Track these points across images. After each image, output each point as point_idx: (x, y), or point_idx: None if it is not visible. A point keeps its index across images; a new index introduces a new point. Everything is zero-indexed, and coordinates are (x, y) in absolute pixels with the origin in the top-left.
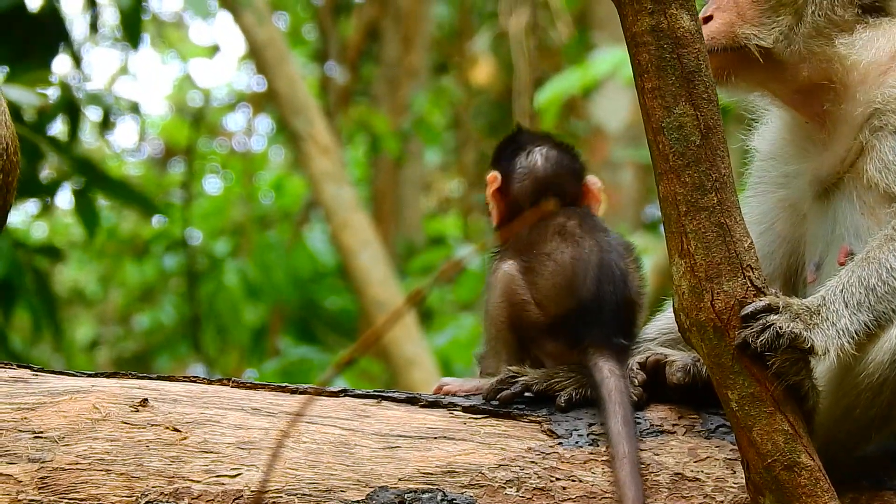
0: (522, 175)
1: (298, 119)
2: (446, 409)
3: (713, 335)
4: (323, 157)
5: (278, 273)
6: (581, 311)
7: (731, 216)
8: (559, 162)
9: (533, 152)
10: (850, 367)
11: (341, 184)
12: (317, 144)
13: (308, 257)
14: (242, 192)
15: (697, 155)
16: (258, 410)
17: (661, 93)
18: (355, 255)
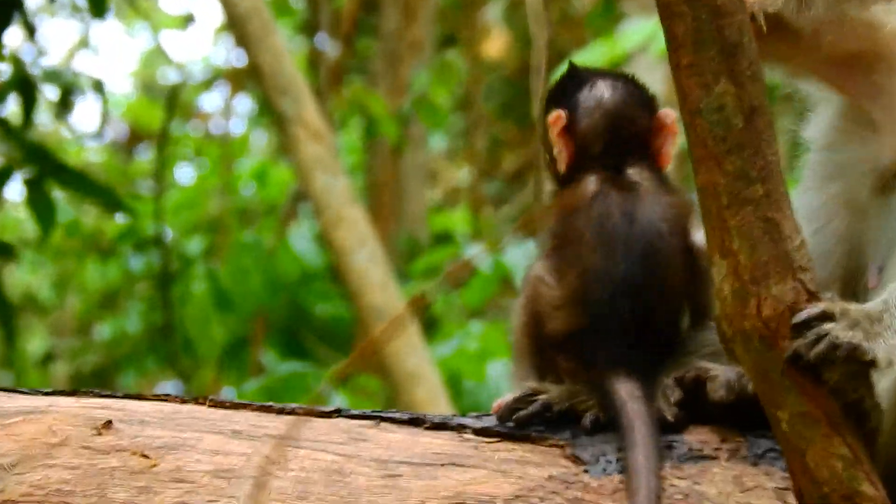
0: (590, 109)
1: (284, 99)
2: (455, 431)
3: (760, 346)
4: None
5: (255, 278)
6: (591, 326)
7: (779, 209)
8: (629, 92)
9: (597, 84)
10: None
11: (333, 173)
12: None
13: (293, 258)
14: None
15: (740, 139)
16: (239, 433)
17: (699, 69)
18: (349, 256)
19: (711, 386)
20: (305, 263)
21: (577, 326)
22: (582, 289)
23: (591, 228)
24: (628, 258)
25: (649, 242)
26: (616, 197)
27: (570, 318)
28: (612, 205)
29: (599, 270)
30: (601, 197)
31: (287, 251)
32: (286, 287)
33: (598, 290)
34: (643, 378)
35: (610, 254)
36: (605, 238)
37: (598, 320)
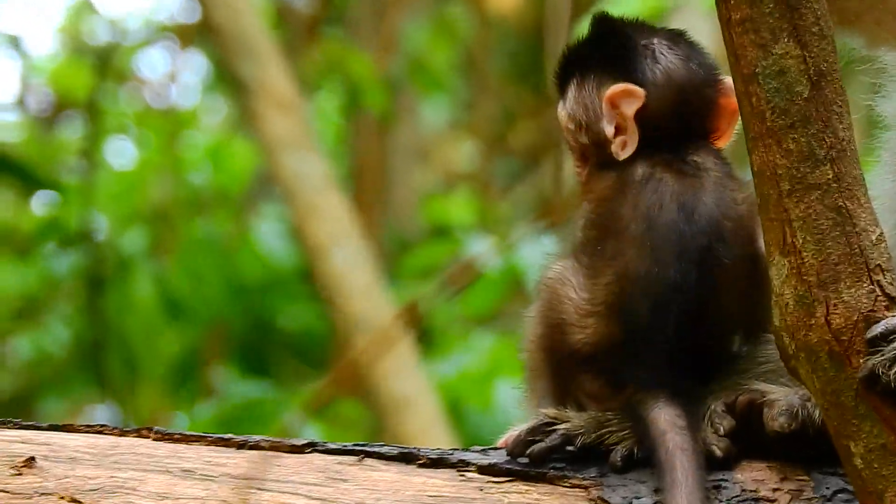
0: (662, 86)
1: (245, 62)
2: (455, 468)
3: (829, 364)
4: (279, 114)
5: (211, 280)
6: (629, 339)
7: (852, 197)
8: (697, 60)
9: (659, 51)
10: None
11: (306, 152)
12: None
13: (256, 257)
14: (165, 162)
15: (805, 112)
16: (191, 473)
17: (755, 26)
18: (325, 253)
19: (769, 413)
20: (272, 263)
21: (610, 339)
22: (620, 293)
23: (638, 220)
24: (682, 261)
25: (709, 245)
26: (672, 183)
27: (603, 328)
28: (668, 193)
29: (644, 273)
30: (653, 182)
31: (249, 248)
32: (248, 292)
33: (641, 296)
34: (687, 403)
35: (660, 253)
36: (656, 233)
37: (637, 333)
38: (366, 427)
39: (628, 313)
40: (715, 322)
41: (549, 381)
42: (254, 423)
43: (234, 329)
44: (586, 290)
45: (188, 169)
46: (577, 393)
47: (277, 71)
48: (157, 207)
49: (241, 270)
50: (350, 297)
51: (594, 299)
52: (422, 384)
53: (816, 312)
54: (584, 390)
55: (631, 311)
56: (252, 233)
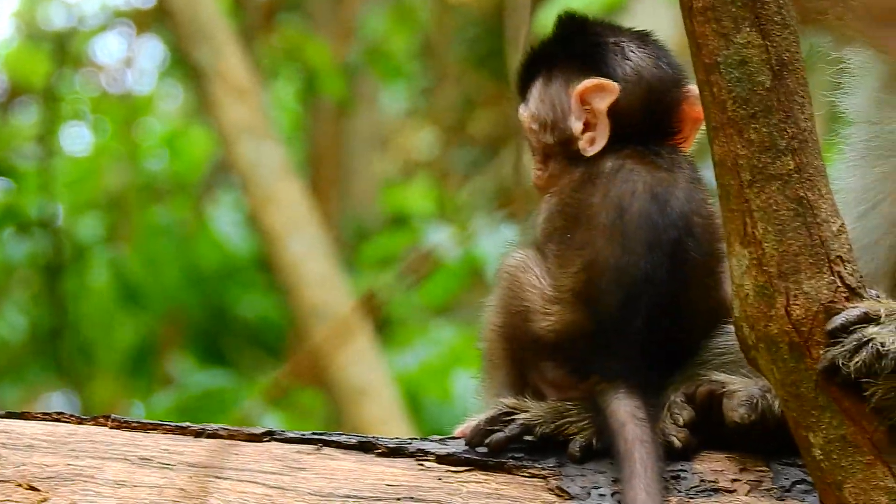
0: (632, 83)
1: (202, 48)
2: (414, 458)
3: (789, 355)
4: (236, 101)
5: (168, 268)
6: (594, 329)
7: (813, 188)
8: (667, 62)
9: (629, 49)
10: None
11: (263, 139)
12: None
13: (214, 245)
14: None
15: (767, 102)
16: (148, 461)
17: (717, 14)
18: (282, 242)
19: (729, 404)
20: (228, 251)
21: (575, 327)
22: (588, 282)
23: (609, 209)
24: (654, 252)
25: (680, 239)
26: (645, 174)
27: (569, 316)
28: (640, 183)
29: (615, 262)
30: (624, 172)
31: (206, 236)
32: (205, 280)
33: (611, 286)
34: (647, 395)
35: (632, 243)
36: (628, 222)
37: (605, 323)
38: (325, 417)
39: (597, 303)
40: (680, 316)
41: (509, 370)
42: (211, 413)
43: (191, 317)
44: (552, 277)
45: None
46: (537, 382)
47: (234, 57)
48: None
49: (198, 258)
50: (307, 285)
51: (560, 287)
52: (381, 374)
53: (776, 303)
54: (544, 379)
55: (599, 301)
56: (209, 220)
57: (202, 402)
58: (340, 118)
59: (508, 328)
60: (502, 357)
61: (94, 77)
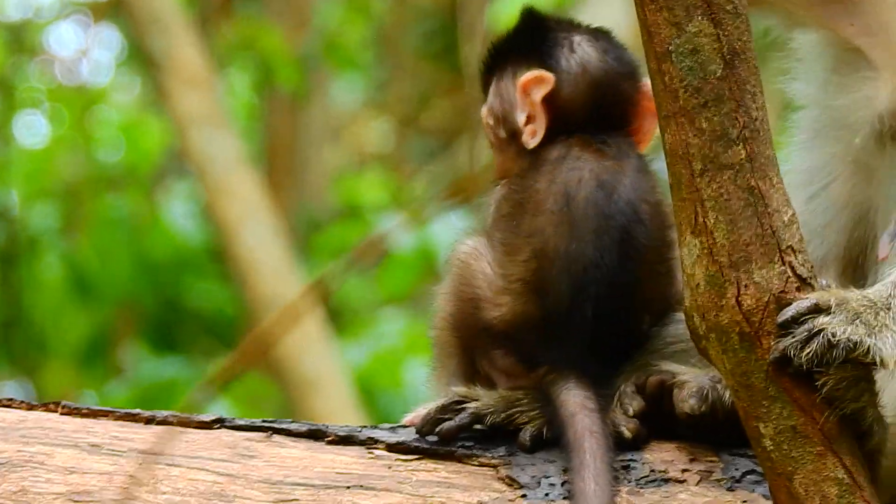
0: (575, 76)
1: (157, 38)
2: (363, 446)
3: (739, 345)
4: (192, 91)
5: (121, 258)
6: (544, 318)
7: (765, 177)
8: (615, 56)
9: (578, 43)
10: None
11: (217, 129)
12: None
13: (167, 235)
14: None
15: (719, 91)
16: (98, 447)
17: (669, 3)
18: (236, 232)
19: (679, 394)
20: (182, 241)
21: (526, 317)
22: (538, 270)
23: (557, 196)
24: (602, 239)
25: (628, 225)
26: (591, 161)
27: (519, 305)
28: (586, 170)
29: (564, 250)
30: (571, 159)
31: (160, 226)
32: (159, 270)
33: (560, 274)
34: (598, 385)
35: (579, 230)
36: (575, 209)
37: (555, 311)
38: (277, 406)
39: (546, 291)
40: (630, 304)
41: (460, 359)
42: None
43: (145, 307)
44: (501, 266)
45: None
46: (488, 370)
47: (189, 47)
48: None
49: (152, 248)
50: (261, 275)
51: (510, 276)
52: (333, 364)
53: (727, 293)
54: (495, 367)
55: (549, 290)
56: (163, 211)
57: (156, 392)
58: (295, 109)
59: (459, 317)
60: (453, 345)
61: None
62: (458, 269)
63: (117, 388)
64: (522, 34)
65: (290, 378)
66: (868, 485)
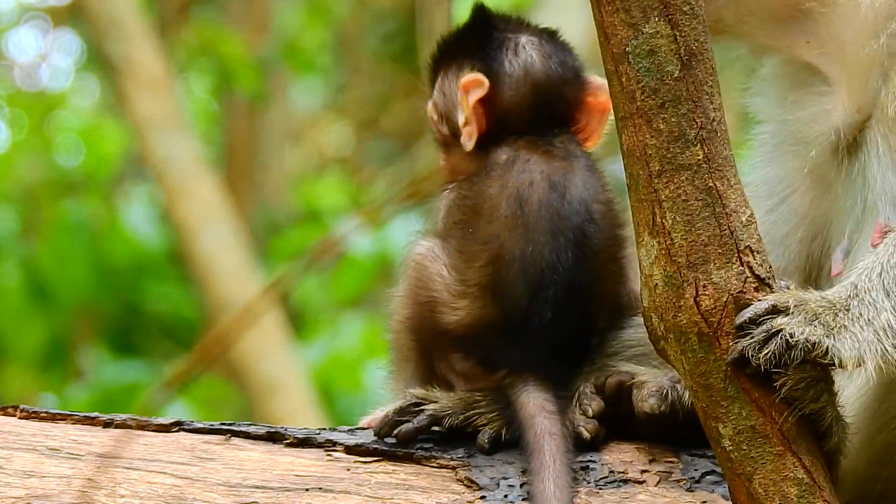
0: (517, 79)
1: (116, 42)
2: (322, 448)
3: (698, 346)
4: (151, 95)
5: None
6: (502, 321)
7: (723, 178)
8: (560, 58)
9: (523, 44)
10: (893, 388)
11: (176, 133)
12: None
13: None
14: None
15: (676, 91)
16: (57, 451)
17: (626, 4)
18: (195, 236)
19: (638, 394)
20: (141, 245)
21: (484, 320)
22: (495, 274)
23: (509, 199)
24: (557, 240)
25: (581, 225)
26: (541, 163)
27: (477, 309)
28: (537, 172)
29: (520, 253)
30: (520, 162)
31: (119, 230)
32: (118, 274)
33: (517, 277)
34: (556, 386)
35: (534, 233)
36: (529, 211)
37: (513, 314)
38: (236, 408)
39: (504, 295)
40: (587, 304)
41: (418, 361)
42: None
43: (104, 311)
44: (458, 271)
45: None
46: (446, 372)
47: (148, 52)
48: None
49: (111, 252)
50: (220, 279)
51: (467, 280)
52: (292, 367)
53: (686, 294)
54: (453, 370)
55: (507, 293)
56: (122, 215)
57: (115, 396)
58: (254, 112)
59: (416, 319)
60: (411, 348)
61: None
62: (414, 272)
63: (77, 392)
64: (470, 32)
65: (248, 380)
66: (828, 484)
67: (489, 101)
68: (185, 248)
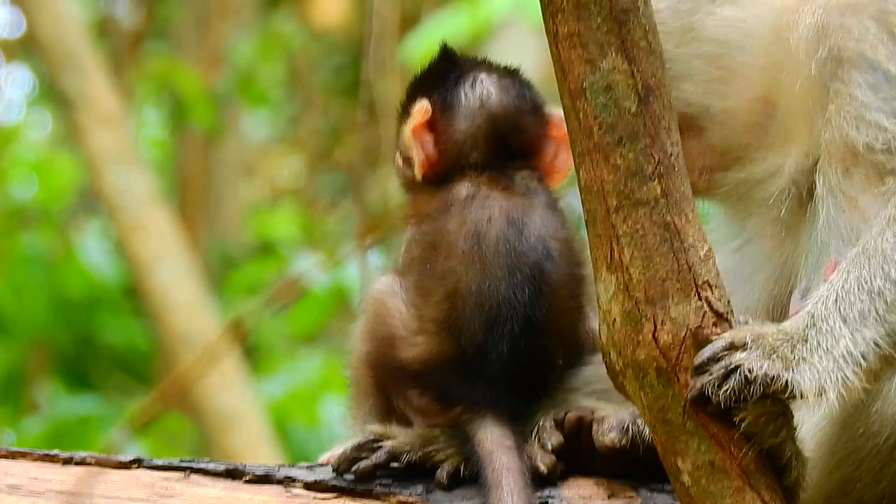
0: (471, 110)
1: (70, 76)
2: (281, 485)
3: (657, 381)
4: (104, 128)
5: (37, 295)
6: (459, 357)
7: (680, 213)
8: (518, 93)
9: (481, 80)
10: (850, 423)
11: (130, 167)
12: (94, 111)
13: (81, 272)
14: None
15: (634, 127)
16: (17, 488)
17: (583, 40)
18: (150, 269)
19: (599, 428)
20: (96, 278)
21: (441, 356)
22: (451, 310)
23: (467, 235)
24: (514, 276)
25: (539, 261)
26: (500, 199)
27: (434, 345)
28: (496, 208)
29: (476, 288)
30: (479, 198)
31: (73, 263)
32: (73, 307)
33: (474, 313)
34: (514, 422)
35: (491, 268)
36: (486, 247)
37: (470, 350)
38: (192, 442)
39: (461, 331)
40: (545, 339)
41: (376, 397)
42: (79, 439)
43: (59, 344)
44: (416, 307)
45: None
46: (404, 408)
47: (102, 85)
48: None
49: (66, 286)
50: (174, 312)
51: (424, 316)
52: (248, 401)
53: (644, 329)
54: (411, 406)
55: (463, 329)
56: (76, 248)
57: (70, 429)
58: (208, 145)
59: (374, 355)
60: (369, 384)
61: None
62: (373, 308)
63: (32, 426)
64: (431, 72)
65: (205, 414)
66: None
67: (442, 132)
68: (140, 281)
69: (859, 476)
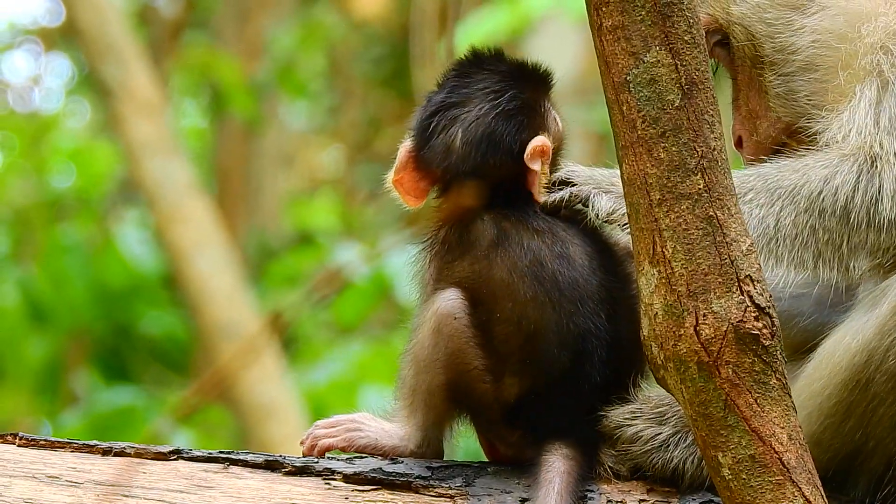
0: (440, 155)
1: (109, 65)
2: (321, 477)
3: (697, 375)
4: (143, 118)
5: (76, 285)
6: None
7: (723, 207)
8: (490, 133)
9: (457, 118)
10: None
11: (169, 157)
12: (134, 100)
13: (120, 262)
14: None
15: (677, 120)
16: (56, 479)
17: (626, 33)
18: (189, 259)
19: None
20: (135, 268)
21: (531, 394)
22: (535, 353)
23: (524, 281)
24: (586, 307)
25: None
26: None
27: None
28: (534, 248)
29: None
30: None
31: (112, 253)
32: (111, 297)
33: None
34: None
35: (561, 306)
36: (549, 289)
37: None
38: (232, 434)
39: (551, 368)
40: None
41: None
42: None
43: (97, 334)
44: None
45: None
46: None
47: (142, 74)
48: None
49: (105, 275)
50: (213, 302)
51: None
52: (288, 392)
53: (685, 323)
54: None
55: (554, 366)
56: (115, 238)
57: (109, 420)
58: (247, 135)
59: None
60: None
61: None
62: (446, 329)
63: (71, 417)
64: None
65: (245, 405)
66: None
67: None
68: (179, 271)
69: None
